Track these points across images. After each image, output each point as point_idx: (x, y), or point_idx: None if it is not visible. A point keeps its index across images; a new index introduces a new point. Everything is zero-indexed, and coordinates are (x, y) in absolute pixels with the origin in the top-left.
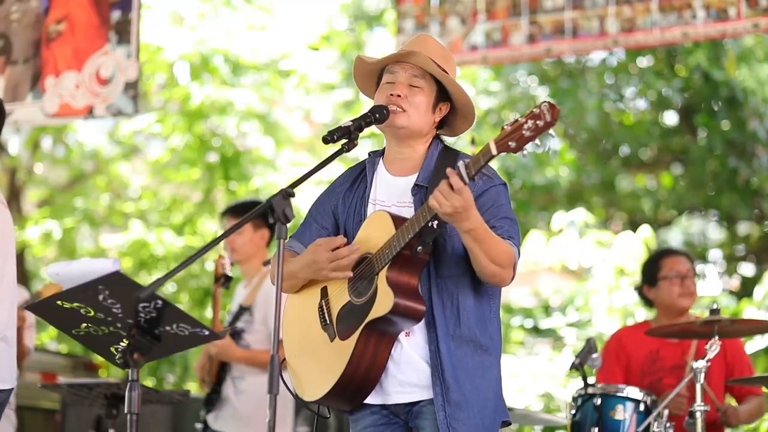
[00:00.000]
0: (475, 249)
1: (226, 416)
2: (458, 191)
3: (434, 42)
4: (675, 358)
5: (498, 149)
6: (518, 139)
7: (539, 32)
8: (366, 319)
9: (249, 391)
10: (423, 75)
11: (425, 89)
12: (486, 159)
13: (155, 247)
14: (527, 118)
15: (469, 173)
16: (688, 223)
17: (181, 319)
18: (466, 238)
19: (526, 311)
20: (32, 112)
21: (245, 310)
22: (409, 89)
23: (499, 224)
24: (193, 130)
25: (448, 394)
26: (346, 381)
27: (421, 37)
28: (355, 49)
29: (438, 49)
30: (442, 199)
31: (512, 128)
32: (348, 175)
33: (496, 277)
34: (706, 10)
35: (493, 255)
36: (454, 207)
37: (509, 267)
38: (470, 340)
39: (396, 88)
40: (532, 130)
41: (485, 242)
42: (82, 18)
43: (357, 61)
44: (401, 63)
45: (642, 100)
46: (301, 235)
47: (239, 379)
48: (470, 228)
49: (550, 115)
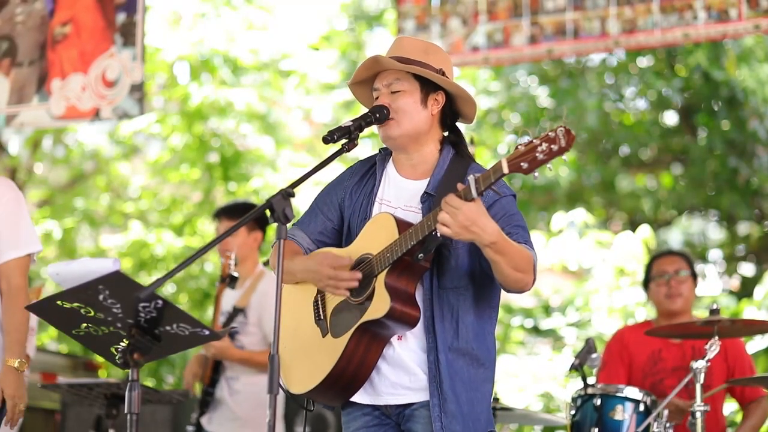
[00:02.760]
0: (498, 261)
1: (221, 418)
2: (456, 207)
3: (410, 40)
4: (677, 359)
5: (510, 168)
6: (531, 161)
7: (540, 33)
8: (360, 320)
9: (244, 391)
10: (400, 77)
11: (407, 90)
12: (496, 177)
13: (155, 248)
14: (542, 140)
15: (478, 188)
16: (688, 223)
17: (181, 319)
18: (489, 252)
19: (526, 311)
20: (38, 115)
21: (239, 312)
22: (390, 97)
23: (514, 231)
24: (192, 130)
25: (446, 405)
26: (334, 378)
27: (397, 40)
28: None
29: (414, 44)
30: (449, 220)
31: (526, 149)
32: (358, 168)
33: (520, 283)
34: (707, 11)
35: (516, 262)
36: (460, 224)
37: (530, 271)
38: (467, 353)
39: (379, 101)
40: (546, 154)
41: (508, 254)
42: (88, 20)
43: (351, 89)
44: (379, 75)
45: (642, 100)
46: (305, 224)
47: (234, 380)
48: (491, 242)
49: (565, 141)
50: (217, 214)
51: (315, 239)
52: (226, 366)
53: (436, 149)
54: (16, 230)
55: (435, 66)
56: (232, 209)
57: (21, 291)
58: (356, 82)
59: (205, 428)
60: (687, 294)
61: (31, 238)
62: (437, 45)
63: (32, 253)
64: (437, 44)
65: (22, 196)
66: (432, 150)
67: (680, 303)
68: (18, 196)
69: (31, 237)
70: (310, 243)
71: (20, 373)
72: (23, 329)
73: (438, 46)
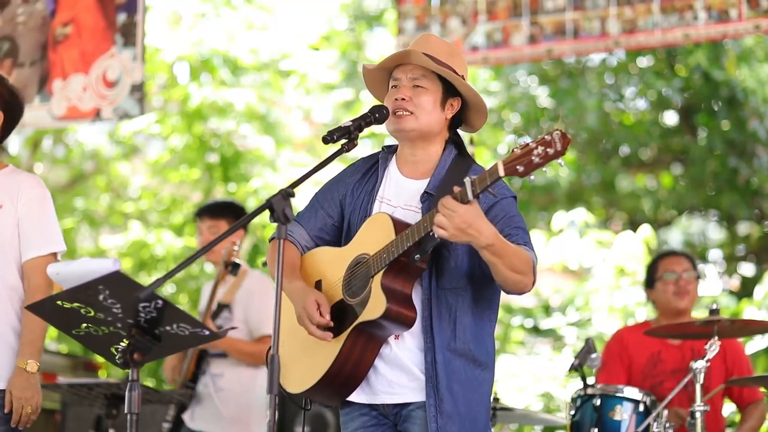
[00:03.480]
0: (496, 263)
1: (206, 415)
2: (452, 209)
3: (437, 40)
4: (676, 361)
5: (506, 171)
6: (527, 165)
7: (540, 33)
8: (357, 321)
9: (228, 389)
10: (426, 74)
11: (430, 88)
12: (492, 179)
13: (155, 248)
14: (537, 144)
15: (474, 191)
16: (688, 223)
17: (181, 318)
18: (486, 254)
19: (526, 311)
20: (40, 115)
21: (224, 308)
22: (413, 90)
23: (514, 232)
24: (192, 130)
25: (442, 406)
26: (331, 377)
27: (423, 36)
28: (355, 49)
29: (441, 45)
30: (445, 222)
31: (522, 152)
32: (360, 165)
33: (519, 285)
34: (708, 11)
35: (515, 264)
36: (455, 226)
37: (530, 273)
38: (465, 354)
39: (400, 91)
40: (542, 158)
41: (505, 255)
42: (89, 21)
43: (363, 70)
44: (403, 66)
45: (642, 100)
46: (305, 219)
47: (219, 377)
48: (487, 244)
49: (561, 145)
50: (199, 213)
51: (314, 235)
52: (209, 362)
53: (441, 149)
54: (40, 229)
55: (458, 71)
56: (213, 208)
57: (40, 290)
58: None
59: (188, 425)
60: (693, 294)
61: (55, 238)
62: (459, 50)
63: (56, 253)
64: None
65: (49, 195)
66: (437, 150)
67: (687, 302)
68: (45, 194)
69: (55, 236)
70: (308, 240)
71: (31, 375)
72: (38, 330)
73: (460, 51)
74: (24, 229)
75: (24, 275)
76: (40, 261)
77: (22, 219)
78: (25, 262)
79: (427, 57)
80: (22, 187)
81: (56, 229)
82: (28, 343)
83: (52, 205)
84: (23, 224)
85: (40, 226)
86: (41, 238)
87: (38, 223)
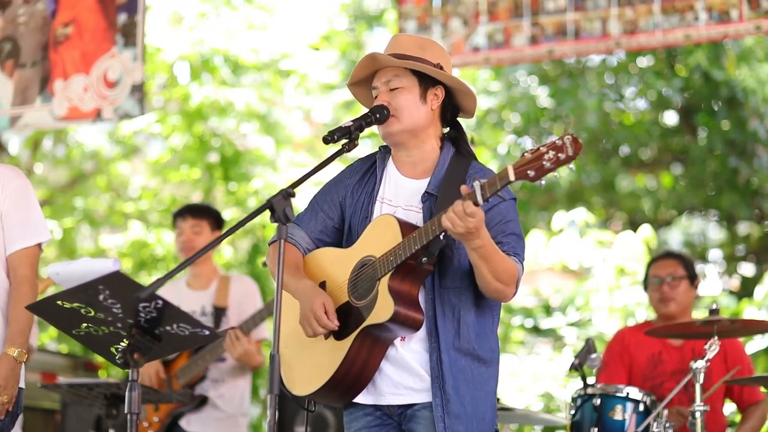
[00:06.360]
0: (481, 266)
1: (206, 419)
2: (471, 214)
3: (406, 37)
4: (677, 362)
5: (516, 176)
6: (538, 169)
7: (541, 34)
8: (364, 324)
9: (228, 395)
10: (399, 73)
11: (405, 86)
12: (503, 184)
13: (155, 248)
14: (549, 148)
15: (484, 195)
16: (688, 223)
17: (181, 319)
18: (473, 255)
19: (527, 311)
20: (41, 116)
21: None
22: (389, 94)
23: (506, 240)
24: (192, 130)
25: (449, 406)
26: (337, 381)
27: (393, 38)
28: (355, 49)
29: (410, 41)
30: (456, 221)
31: (533, 157)
32: (358, 166)
33: (498, 293)
34: (708, 12)
35: (498, 272)
36: (467, 228)
37: (512, 285)
38: (469, 352)
39: (378, 99)
40: (553, 162)
41: (491, 261)
42: (90, 21)
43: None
44: (378, 72)
45: (642, 100)
46: (305, 222)
47: (220, 383)
48: (479, 246)
49: (572, 150)
50: (181, 213)
51: (315, 238)
52: (209, 367)
53: (437, 146)
54: (24, 220)
55: (432, 61)
56: (194, 209)
57: (26, 281)
58: (355, 81)
59: (184, 429)
60: (680, 297)
61: (40, 228)
62: (433, 40)
63: (41, 243)
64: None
65: (30, 185)
66: (433, 147)
67: (673, 307)
68: (25, 184)
69: (39, 226)
70: (309, 242)
71: (17, 362)
72: (27, 320)
73: (434, 41)
74: (8, 222)
75: (9, 267)
76: (25, 252)
77: (5, 212)
78: (10, 254)
79: (393, 56)
80: (2, 180)
81: (40, 219)
82: (18, 333)
83: (34, 194)
84: (6, 218)
85: (24, 217)
86: (25, 229)
87: (21, 215)
